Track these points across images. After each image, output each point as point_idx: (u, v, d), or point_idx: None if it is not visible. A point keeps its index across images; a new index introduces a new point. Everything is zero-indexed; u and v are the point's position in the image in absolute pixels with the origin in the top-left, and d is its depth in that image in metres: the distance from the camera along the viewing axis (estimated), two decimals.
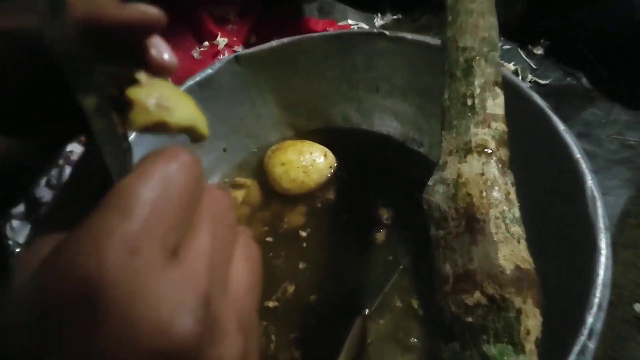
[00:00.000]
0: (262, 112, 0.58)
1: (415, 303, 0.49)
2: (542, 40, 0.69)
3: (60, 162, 0.64)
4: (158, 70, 0.22)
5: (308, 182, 0.56)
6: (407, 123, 0.57)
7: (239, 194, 0.57)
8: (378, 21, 0.73)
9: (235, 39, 0.74)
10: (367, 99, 0.57)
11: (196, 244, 0.16)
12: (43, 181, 0.62)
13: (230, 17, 0.75)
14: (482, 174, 0.37)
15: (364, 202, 0.56)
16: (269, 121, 0.59)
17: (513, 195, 0.37)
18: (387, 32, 0.49)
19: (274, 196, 0.58)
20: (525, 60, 0.67)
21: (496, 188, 0.36)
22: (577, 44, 0.67)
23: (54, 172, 0.63)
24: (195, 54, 0.74)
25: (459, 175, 0.37)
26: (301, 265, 0.52)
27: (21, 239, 0.64)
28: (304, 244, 0.54)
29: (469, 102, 0.40)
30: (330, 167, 0.57)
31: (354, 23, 0.71)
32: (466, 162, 0.38)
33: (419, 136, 0.57)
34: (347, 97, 0.58)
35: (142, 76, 0.21)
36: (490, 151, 0.38)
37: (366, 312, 0.48)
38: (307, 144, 0.57)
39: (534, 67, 0.66)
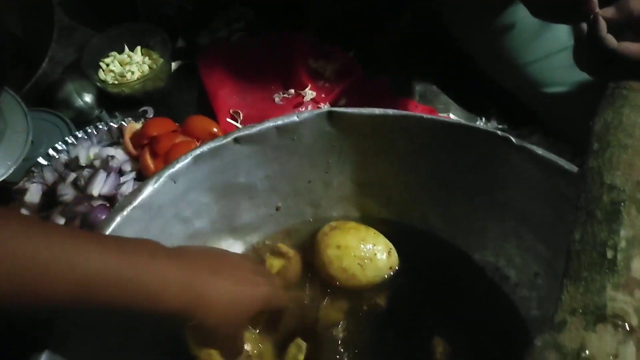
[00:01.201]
0: (333, 181, 0.50)
1: None
2: None
3: (97, 163, 0.57)
4: None
5: (360, 278, 0.47)
6: (497, 248, 0.47)
7: (276, 264, 0.49)
8: (480, 125, 0.66)
9: (323, 95, 0.68)
10: (457, 207, 0.48)
11: None
12: (70, 178, 0.55)
13: (326, 73, 0.70)
14: (616, 357, 0.27)
15: (418, 323, 0.46)
16: (338, 194, 0.51)
17: None
18: (513, 139, 0.41)
19: (315, 279, 0.49)
20: None
21: None
22: None
23: (86, 172, 0.56)
24: (277, 98, 0.69)
25: (582, 347, 0.28)
26: None
27: None
28: (334, 348, 0.44)
29: (609, 254, 0.31)
30: (391, 269, 0.48)
31: (455, 120, 0.64)
32: (595, 332, 0.28)
33: (506, 268, 0.47)
34: (435, 197, 0.49)
35: None
36: (630, 329, 0.28)
37: None
38: (373, 234, 0.48)
39: None
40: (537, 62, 0.64)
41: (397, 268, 0.48)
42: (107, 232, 0.38)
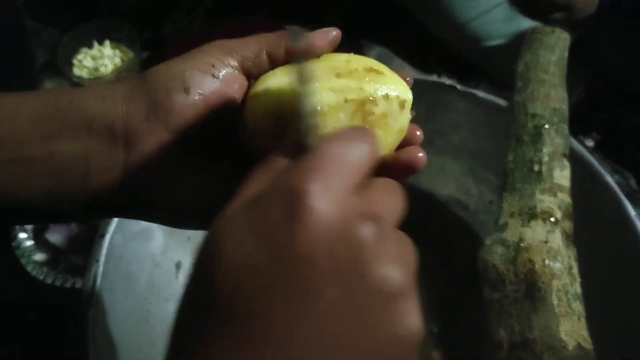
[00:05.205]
0: None
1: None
2: (593, 133, 0.68)
3: None
4: None
5: None
6: (455, 184, 0.55)
7: None
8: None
9: None
10: None
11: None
12: None
13: None
14: (546, 242, 0.35)
15: None
16: None
17: (575, 270, 0.35)
18: (458, 86, 0.48)
19: None
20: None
21: (559, 259, 0.34)
22: (628, 144, 0.66)
23: None
24: None
25: (521, 239, 0.35)
26: None
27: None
28: None
29: (536, 168, 0.39)
30: None
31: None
32: (529, 227, 0.36)
33: (465, 199, 0.55)
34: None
35: None
36: (555, 220, 0.36)
37: None
38: None
39: None
40: (476, 19, 0.71)
41: None
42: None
